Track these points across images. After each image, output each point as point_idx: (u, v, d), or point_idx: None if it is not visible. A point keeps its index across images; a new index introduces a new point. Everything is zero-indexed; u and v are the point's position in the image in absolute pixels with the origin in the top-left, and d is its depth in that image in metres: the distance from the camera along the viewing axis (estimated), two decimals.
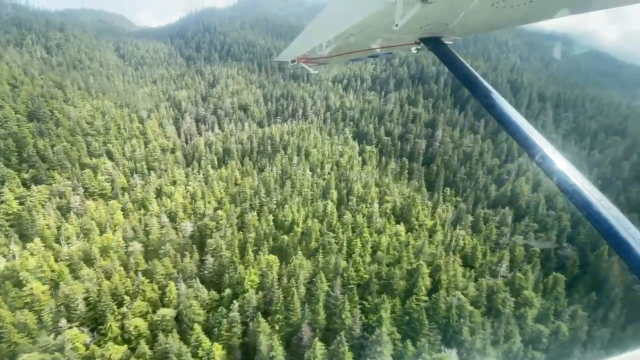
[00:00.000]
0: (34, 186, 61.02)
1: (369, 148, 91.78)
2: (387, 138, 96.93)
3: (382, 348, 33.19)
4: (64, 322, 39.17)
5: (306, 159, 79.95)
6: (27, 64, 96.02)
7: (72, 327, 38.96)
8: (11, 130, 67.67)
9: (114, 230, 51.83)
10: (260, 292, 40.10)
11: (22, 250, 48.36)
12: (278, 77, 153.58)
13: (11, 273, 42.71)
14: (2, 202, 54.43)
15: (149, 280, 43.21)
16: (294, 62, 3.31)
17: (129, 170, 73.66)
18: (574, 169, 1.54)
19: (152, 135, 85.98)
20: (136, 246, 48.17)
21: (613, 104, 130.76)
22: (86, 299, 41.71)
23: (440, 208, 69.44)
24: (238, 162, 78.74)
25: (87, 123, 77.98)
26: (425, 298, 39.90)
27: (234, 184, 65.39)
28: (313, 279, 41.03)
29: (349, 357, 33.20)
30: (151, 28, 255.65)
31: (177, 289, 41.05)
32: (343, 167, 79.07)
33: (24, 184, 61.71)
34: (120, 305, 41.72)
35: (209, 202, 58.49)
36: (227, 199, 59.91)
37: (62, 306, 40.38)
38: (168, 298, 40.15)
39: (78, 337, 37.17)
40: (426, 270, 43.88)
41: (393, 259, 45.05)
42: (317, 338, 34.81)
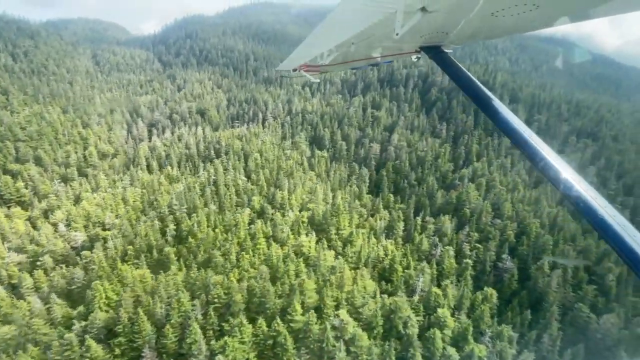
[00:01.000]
0: None
1: (319, 153, 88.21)
2: (342, 142, 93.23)
3: None
4: None
5: (246, 164, 76.73)
6: None
7: None
8: None
9: (2, 241, 49.14)
10: (112, 311, 36.57)
11: None
12: (250, 82, 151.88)
13: None
14: None
15: (11, 295, 40.11)
16: (295, 70, 3.34)
17: (59, 176, 71.41)
18: (577, 177, 1.54)
19: (93, 141, 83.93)
20: (16, 257, 45.28)
21: (592, 106, 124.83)
22: None
23: (378, 216, 65.24)
24: (174, 168, 75.87)
25: (21, 128, 76.23)
26: (300, 318, 35.75)
27: (154, 191, 62.25)
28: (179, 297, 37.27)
29: None
30: (143, 36, 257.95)
31: (30, 304, 37.86)
32: (284, 172, 75.54)
33: None
34: None
35: (115, 210, 55.53)
36: (138, 207, 56.88)
37: None
38: (19, 314, 37.01)
39: None
40: (312, 286, 39.76)
41: (281, 272, 41.05)
42: None
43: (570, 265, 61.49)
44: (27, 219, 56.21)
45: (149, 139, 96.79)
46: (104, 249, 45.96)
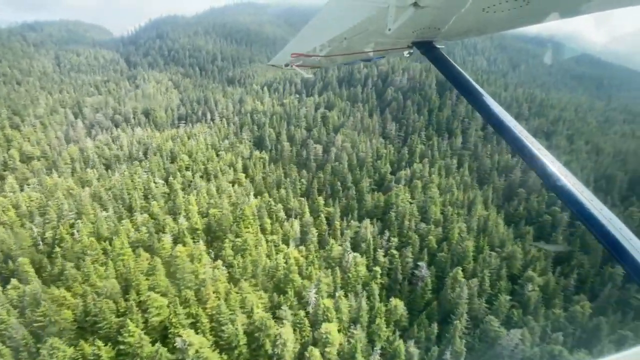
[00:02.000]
0: None
1: (257, 154, 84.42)
2: (287, 143, 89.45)
3: None
4: None
5: (170, 166, 72.88)
6: None
7: None
8: None
9: None
10: None
11: None
12: (212, 81, 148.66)
13: None
14: None
15: None
16: (287, 65, 3.36)
17: None
18: (566, 172, 1.57)
19: (18, 143, 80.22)
20: None
21: (558, 105, 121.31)
22: None
23: (292, 221, 61.24)
24: (94, 170, 72.02)
25: None
26: (130, 340, 31.84)
27: (52, 196, 58.37)
28: None
29: None
30: (121, 37, 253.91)
31: None
32: (209, 174, 71.80)
33: None
34: None
35: (1, 215, 51.67)
36: (24, 214, 53.04)
37: None
38: None
39: None
40: (162, 302, 35.87)
41: (134, 286, 37.07)
42: None
43: (553, 252, 57.37)
44: None
45: (89, 140, 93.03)
46: None
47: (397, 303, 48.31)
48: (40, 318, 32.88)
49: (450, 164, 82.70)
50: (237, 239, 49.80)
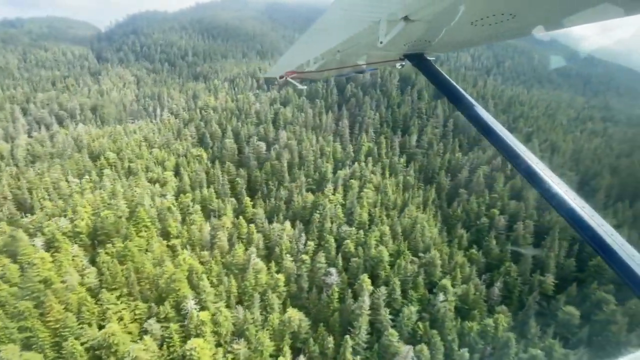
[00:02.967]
0: None
1: (194, 151, 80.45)
2: (229, 140, 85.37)
3: None
4: None
5: (94, 164, 69.18)
6: None
7: None
8: None
9: None
10: None
11: None
12: (175, 77, 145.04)
13: None
14: None
15: None
16: (282, 77, 3.35)
17: None
18: (557, 179, 1.62)
19: None
20: None
21: (528, 102, 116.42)
22: None
23: (198, 225, 57.04)
24: (10, 169, 68.43)
25: None
26: None
27: None
28: None
29: None
30: (97, 33, 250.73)
31: None
32: (132, 173, 67.99)
33: None
34: None
35: None
36: None
37: None
38: None
39: None
40: None
41: None
42: None
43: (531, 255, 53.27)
44: None
45: (28, 136, 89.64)
46: None
47: (293, 314, 44.23)
48: None
49: (396, 162, 78.34)
50: (118, 245, 45.85)
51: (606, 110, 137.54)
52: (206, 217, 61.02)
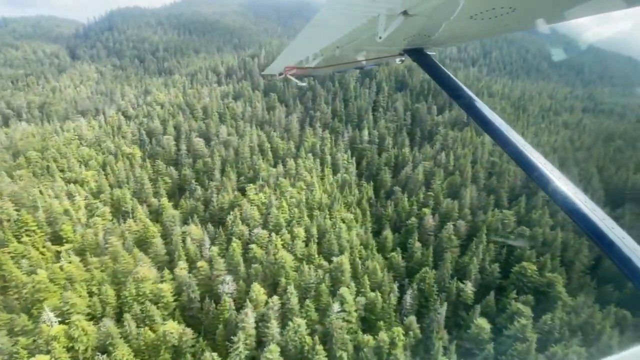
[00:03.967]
0: None
1: (126, 149, 76.72)
2: (166, 137, 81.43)
3: None
4: None
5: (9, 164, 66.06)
6: None
7: None
8: None
9: None
10: None
11: None
12: (142, 72, 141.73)
13: None
14: None
15: None
16: (281, 74, 3.34)
17: None
18: (557, 172, 1.60)
19: None
20: None
21: (508, 94, 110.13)
22: None
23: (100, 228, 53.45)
24: None
25: None
26: None
27: None
28: None
29: None
30: (75, 31, 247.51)
31: None
32: (51, 173, 64.63)
33: None
34: None
35: None
36: None
37: None
38: None
39: None
40: None
41: None
42: None
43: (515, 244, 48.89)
44: None
45: None
46: None
47: (172, 327, 40.29)
48: None
49: (340, 159, 73.60)
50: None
51: (589, 101, 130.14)
52: (117, 219, 57.39)
